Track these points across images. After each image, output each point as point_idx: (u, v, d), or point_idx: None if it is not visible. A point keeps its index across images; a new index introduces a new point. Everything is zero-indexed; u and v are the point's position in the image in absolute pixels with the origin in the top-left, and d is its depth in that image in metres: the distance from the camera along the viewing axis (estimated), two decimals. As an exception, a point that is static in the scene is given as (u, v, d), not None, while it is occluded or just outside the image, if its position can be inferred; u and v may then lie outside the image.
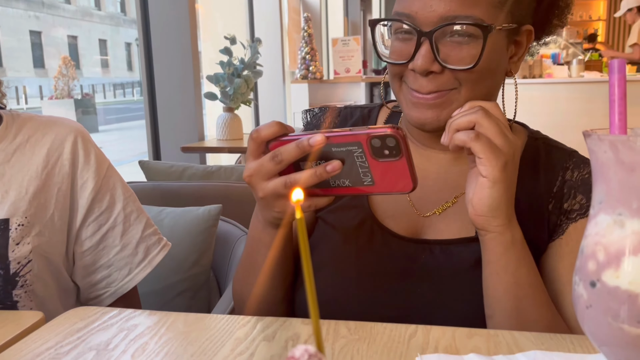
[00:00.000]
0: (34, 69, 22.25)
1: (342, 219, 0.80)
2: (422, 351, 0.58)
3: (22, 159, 0.86)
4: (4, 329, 0.66)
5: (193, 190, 1.66)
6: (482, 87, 0.73)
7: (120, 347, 0.61)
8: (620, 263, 0.44)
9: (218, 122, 2.73)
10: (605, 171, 0.46)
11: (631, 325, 0.44)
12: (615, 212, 0.45)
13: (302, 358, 0.32)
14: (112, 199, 0.92)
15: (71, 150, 0.89)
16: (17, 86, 18.15)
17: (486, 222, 0.67)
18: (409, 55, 0.71)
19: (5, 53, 20.92)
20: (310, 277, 0.35)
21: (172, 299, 1.23)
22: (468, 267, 0.74)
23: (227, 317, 0.68)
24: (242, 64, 2.64)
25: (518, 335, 0.61)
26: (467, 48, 0.69)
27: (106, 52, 24.03)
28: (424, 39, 0.69)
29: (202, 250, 1.26)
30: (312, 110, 0.92)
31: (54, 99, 14.27)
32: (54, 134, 0.89)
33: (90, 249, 0.91)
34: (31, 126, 0.89)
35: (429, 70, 0.70)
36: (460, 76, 0.71)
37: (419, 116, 0.73)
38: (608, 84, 0.48)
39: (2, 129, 0.87)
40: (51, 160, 0.88)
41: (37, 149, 0.87)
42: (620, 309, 0.44)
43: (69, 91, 14.20)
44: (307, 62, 4.77)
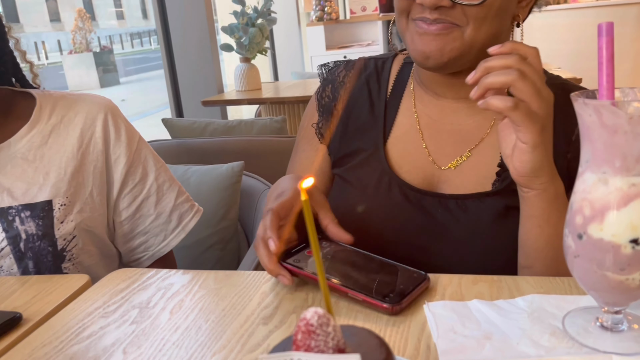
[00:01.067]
0: (51, 23, 22.18)
1: (361, 175, 0.83)
2: (430, 298, 0.64)
3: (58, 140, 0.91)
4: (55, 292, 0.74)
5: (216, 145, 1.72)
6: (489, 27, 0.72)
7: (160, 304, 0.68)
8: (604, 217, 0.49)
9: (236, 74, 2.75)
10: (590, 133, 0.49)
11: (614, 272, 0.49)
12: (600, 171, 0.49)
13: (312, 319, 0.38)
14: (144, 171, 0.97)
15: (102, 128, 0.94)
16: (37, 42, 18.19)
17: (530, 182, 0.67)
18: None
19: (22, 9, 20.85)
20: (317, 249, 0.41)
21: (204, 252, 1.32)
22: (484, 222, 0.76)
23: (253, 273, 0.75)
24: (256, 12, 2.63)
25: (519, 280, 0.66)
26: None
27: (120, 2, 23.64)
28: None
29: (228, 205, 1.33)
30: (327, 65, 0.93)
31: (73, 53, 14.33)
32: (85, 112, 0.93)
33: (128, 219, 0.98)
34: (63, 105, 0.94)
35: (438, 5, 0.69)
36: (469, 12, 0.70)
37: (423, 48, 0.72)
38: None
39: (36, 111, 0.92)
40: (85, 140, 0.92)
41: (71, 129, 0.92)
42: (605, 258, 0.49)
43: (87, 44, 14.21)
44: (322, 3, 4.67)
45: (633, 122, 0.45)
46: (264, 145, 1.65)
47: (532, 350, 0.53)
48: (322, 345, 0.38)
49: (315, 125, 0.90)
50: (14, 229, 0.85)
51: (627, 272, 0.48)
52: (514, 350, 0.53)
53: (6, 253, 0.85)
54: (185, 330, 0.62)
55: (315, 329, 0.38)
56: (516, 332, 0.56)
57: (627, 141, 0.46)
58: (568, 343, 0.53)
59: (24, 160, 0.89)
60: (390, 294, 0.61)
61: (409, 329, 0.58)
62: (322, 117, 0.90)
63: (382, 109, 0.86)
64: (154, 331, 0.62)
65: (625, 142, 0.46)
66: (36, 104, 0.93)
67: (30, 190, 0.87)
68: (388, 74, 0.89)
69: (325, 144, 0.90)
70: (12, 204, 0.86)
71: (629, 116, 0.45)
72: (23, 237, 0.85)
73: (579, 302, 0.59)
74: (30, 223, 0.85)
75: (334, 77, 0.91)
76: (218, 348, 0.58)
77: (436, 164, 0.81)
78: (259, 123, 1.88)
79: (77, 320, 0.66)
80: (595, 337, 0.52)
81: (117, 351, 0.59)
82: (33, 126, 0.91)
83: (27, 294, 0.74)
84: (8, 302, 0.72)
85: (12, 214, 0.85)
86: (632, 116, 0.45)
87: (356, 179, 0.84)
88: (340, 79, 0.90)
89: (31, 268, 0.86)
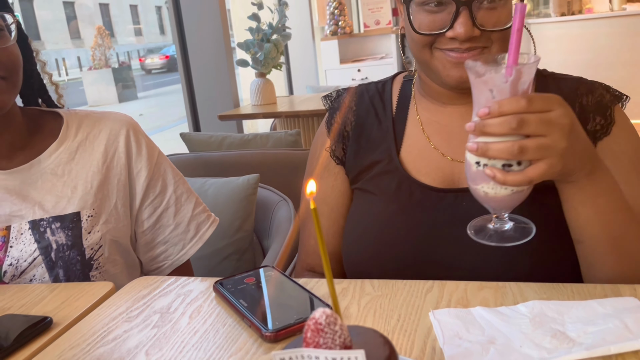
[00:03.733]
0: (71, 40, 22.66)
1: (380, 184, 0.87)
2: (437, 305, 0.67)
3: (85, 156, 0.96)
4: (82, 298, 0.78)
5: (232, 158, 1.77)
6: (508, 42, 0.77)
7: (180, 309, 0.72)
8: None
9: (251, 88, 2.81)
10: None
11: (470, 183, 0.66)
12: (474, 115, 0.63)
13: (320, 318, 0.41)
14: (163, 183, 1.02)
15: (125, 144, 0.99)
16: (57, 58, 18.60)
17: (568, 183, 0.68)
18: (444, 24, 0.75)
19: (42, 26, 21.36)
20: (325, 254, 0.44)
21: (220, 262, 1.36)
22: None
23: (268, 280, 0.78)
24: (271, 28, 2.69)
25: (524, 287, 0.69)
26: (500, 10, 0.75)
27: (138, 18, 23.99)
28: (463, 8, 0.74)
29: (244, 217, 1.37)
30: (330, 95, 0.99)
31: (93, 69, 14.63)
32: (109, 129, 0.99)
33: (149, 229, 1.02)
34: (88, 123, 0.99)
35: (471, 36, 0.75)
36: (495, 36, 0.76)
37: (461, 74, 0.77)
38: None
39: (64, 129, 0.97)
40: (109, 155, 0.98)
41: (96, 145, 0.97)
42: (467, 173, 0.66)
43: (106, 60, 14.51)
44: (336, 17, 4.74)
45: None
46: (279, 157, 1.69)
47: (535, 353, 0.55)
48: (330, 342, 0.41)
49: (330, 149, 0.94)
50: (45, 239, 0.90)
51: (476, 182, 0.64)
52: (517, 353, 0.55)
53: (38, 263, 0.89)
54: (204, 334, 0.66)
55: (324, 327, 0.41)
56: (519, 336, 0.58)
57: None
58: (569, 344, 0.55)
59: (54, 175, 0.94)
60: (277, 322, 0.63)
61: (416, 332, 0.61)
62: (334, 141, 0.94)
63: (390, 124, 0.90)
64: (174, 334, 0.66)
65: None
66: (63, 122, 0.98)
67: (59, 203, 0.92)
68: (390, 93, 0.94)
69: (341, 164, 0.94)
70: (43, 216, 0.91)
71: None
72: (54, 247, 0.90)
73: (578, 307, 0.62)
74: (60, 234, 0.90)
75: (339, 104, 0.96)
76: (235, 350, 0.62)
77: (452, 160, 0.85)
78: (274, 136, 1.92)
79: (103, 325, 0.70)
80: (489, 235, 0.67)
81: (140, 353, 0.63)
82: (61, 143, 0.96)
83: (56, 300, 0.78)
84: (39, 307, 0.77)
85: (44, 225, 0.90)
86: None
87: (376, 188, 0.87)
88: (346, 105, 0.95)
89: (61, 276, 0.90)
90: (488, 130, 0.60)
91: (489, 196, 0.64)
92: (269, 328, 0.62)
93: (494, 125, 0.59)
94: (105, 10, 21.29)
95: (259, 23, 2.67)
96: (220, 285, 0.75)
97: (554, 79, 0.87)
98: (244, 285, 0.74)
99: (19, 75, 0.89)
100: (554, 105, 0.62)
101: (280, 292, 0.73)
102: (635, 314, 0.59)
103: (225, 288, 0.74)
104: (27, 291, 0.83)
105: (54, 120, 0.99)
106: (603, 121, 0.81)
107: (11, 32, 0.88)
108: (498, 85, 0.59)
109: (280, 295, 0.72)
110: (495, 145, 0.60)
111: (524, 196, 0.65)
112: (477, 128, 0.60)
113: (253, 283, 0.75)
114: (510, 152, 0.59)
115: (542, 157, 0.60)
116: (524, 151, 0.59)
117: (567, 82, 0.85)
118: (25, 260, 0.89)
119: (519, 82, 0.59)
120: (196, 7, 2.75)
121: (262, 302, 0.70)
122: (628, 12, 4.65)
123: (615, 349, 0.53)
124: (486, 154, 0.60)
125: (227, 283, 0.75)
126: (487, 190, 0.64)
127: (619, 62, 4.45)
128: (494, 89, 0.60)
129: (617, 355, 0.53)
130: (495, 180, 0.61)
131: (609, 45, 4.55)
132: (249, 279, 0.76)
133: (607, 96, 0.83)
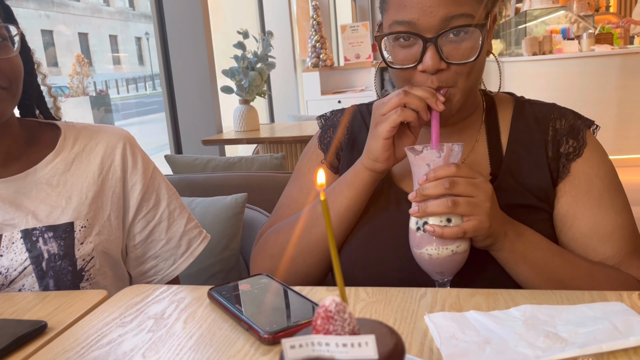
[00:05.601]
0: (48, 68, 22.47)
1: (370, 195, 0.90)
2: (431, 310, 0.68)
3: (80, 167, 0.97)
4: (76, 305, 0.77)
5: (217, 180, 1.77)
6: (476, 75, 0.84)
7: (174, 315, 0.72)
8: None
9: (235, 115, 2.83)
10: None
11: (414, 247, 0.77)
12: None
13: (330, 306, 0.42)
14: (157, 198, 1.02)
15: (121, 157, 0.99)
16: (33, 86, 18.37)
17: (498, 251, 0.78)
18: (416, 58, 0.81)
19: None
20: (334, 246, 0.45)
21: (206, 280, 1.35)
22: None
23: (262, 288, 0.79)
24: (256, 57, 2.73)
25: (514, 293, 0.71)
26: (466, 44, 0.80)
27: (117, 48, 24.03)
28: (430, 44, 0.78)
29: (231, 235, 1.37)
30: (325, 115, 1.04)
31: (70, 97, 14.53)
32: (105, 142, 0.99)
33: (140, 243, 1.02)
34: (85, 135, 1.00)
35: (438, 69, 0.80)
36: (460, 70, 0.81)
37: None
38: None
39: (61, 141, 0.98)
40: (105, 167, 0.98)
41: (92, 157, 0.98)
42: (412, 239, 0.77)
43: (84, 89, 14.43)
44: (318, 50, 4.84)
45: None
46: (265, 180, 1.70)
47: (530, 351, 0.57)
48: (340, 329, 0.42)
49: (325, 161, 0.98)
50: (37, 249, 0.89)
51: (420, 247, 0.74)
52: (513, 352, 0.57)
53: (29, 272, 0.88)
54: (200, 337, 0.65)
55: (333, 315, 0.42)
56: (513, 336, 0.60)
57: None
58: (562, 344, 0.57)
59: (48, 185, 0.93)
60: (274, 325, 0.64)
61: (412, 335, 0.62)
62: (328, 153, 0.99)
63: None
64: (170, 338, 0.66)
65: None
66: (61, 134, 0.99)
67: (53, 213, 0.92)
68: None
69: (337, 173, 0.98)
70: (36, 225, 0.90)
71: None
72: (45, 256, 0.89)
73: (568, 311, 0.64)
74: (53, 243, 0.89)
75: (334, 122, 1.01)
76: (233, 352, 0.62)
77: None
78: (259, 160, 1.94)
79: (96, 329, 0.69)
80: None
81: (137, 355, 0.62)
82: (57, 154, 0.96)
83: (49, 307, 0.77)
84: (31, 314, 0.75)
85: (36, 234, 0.89)
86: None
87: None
88: (343, 124, 1.00)
89: (52, 286, 0.89)
90: (426, 192, 0.72)
91: (432, 258, 0.74)
92: (267, 330, 0.63)
93: (430, 188, 0.72)
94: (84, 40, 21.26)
95: (244, 51, 2.71)
96: (215, 292, 0.75)
97: (530, 104, 0.93)
98: (238, 292, 0.75)
99: (19, 85, 0.90)
100: (477, 174, 0.75)
101: (276, 297, 0.73)
102: (623, 316, 0.61)
103: (220, 295, 0.74)
104: (17, 299, 0.81)
105: (51, 132, 0.99)
106: (575, 143, 0.87)
107: (14, 43, 0.89)
108: (433, 160, 0.74)
109: (276, 300, 0.72)
110: (432, 202, 0.72)
111: (463, 259, 0.75)
112: (417, 194, 0.73)
113: (248, 290, 0.75)
114: (445, 205, 0.71)
115: (472, 213, 0.72)
116: (456, 204, 0.71)
117: (542, 107, 0.92)
118: (15, 270, 0.87)
119: (449, 157, 0.74)
120: (181, 34, 2.79)
121: (259, 306, 0.70)
122: (596, 53, 4.86)
123: (607, 347, 0.55)
124: (426, 212, 0.72)
125: (221, 290, 0.75)
126: (430, 253, 0.74)
127: (589, 100, 4.63)
128: (430, 163, 0.74)
129: (608, 353, 0.55)
130: (435, 234, 0.72)
131: (578, 84, 4.74)
132: (243, 286, 0.76)
133: (578, 122, 0.90)
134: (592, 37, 5.13)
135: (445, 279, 0.76)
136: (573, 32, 5.76)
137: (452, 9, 0.77)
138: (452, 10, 0.77)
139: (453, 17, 0.77)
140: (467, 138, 0.92)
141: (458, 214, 0.72)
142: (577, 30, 5.86)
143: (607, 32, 5.35)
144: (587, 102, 4.58)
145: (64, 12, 21.00)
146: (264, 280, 0.78)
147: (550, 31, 5.38)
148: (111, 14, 23.55)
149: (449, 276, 0.76)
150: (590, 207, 0.85)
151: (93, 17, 22.69)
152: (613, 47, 5.12)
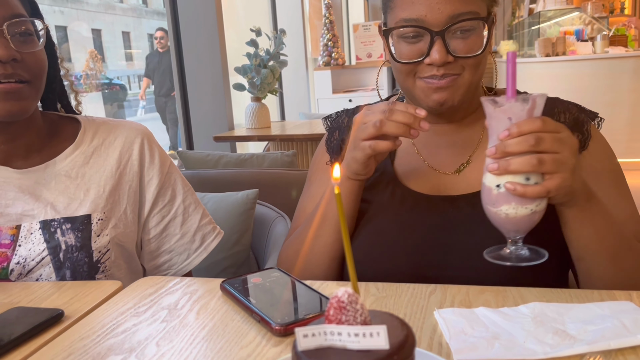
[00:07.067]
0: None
1: (375, 192, 0.92)
2: (440, 306, 0.69)
3: (99, 160, 0.98)
4: (92, 295, 0.79)
5: (229, 176, 1.79)
6: (481, 69, 0.86)
7: (187, 306, 0.73)
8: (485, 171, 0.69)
9: (247, 112, 2.85)
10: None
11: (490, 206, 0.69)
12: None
13: (343, 297, 0.43)
14: (173, 193, 1.04)
15: (139, 152, 1.01)
16: (46, 81, 18.53)
17: (571, 207, 0.74)
18: (422, 53, 0.83)
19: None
20: (347, 237, 0.46)
21: (217, 275, 1.36)
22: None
23: (273, 282, 0.80)
24: (268, 54, 2.75)
25: (523, 291, 0.71)
26: (471, 39, 0.82)
27: (130, 44, 24.15)
28: (437, 38, 0.81)
29: (242, 231, 1.39)
30: (330, 117, 1.05)
31: (83, 92, 14.62)
32: (124, 137, 1.01)
33: (155, 237, 1.03)
34: (104, 130, 1.01)
35: (445, 62, 0.82)
36: (466, 63, 0.83)
37: (439, 98, 0.85)
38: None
39: (81, 134, 0.99)
40: (123, 161, 1.00)
41: (111, 151, 0.99)
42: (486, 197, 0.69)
43: (97, 85, 14.55)
44: (330, 49, 4.85)
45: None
46: (276, 177, 1.71)
47: (539, 348, 0.57)
48: (352, 319, 0.43)
49: (330, 163, 1.00)
50: (55, 240, 0.90)
51: (496, 205, 0.68)
52: (522, 348, 0.58)
53: (46, 262, 0.90)
54: (213, 328, 0.67)
55: (346, 305, 0.43)
56: (522, 333, 0.60)
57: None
58: (570, 340, 0.58)
59: (67, 177, 0.95)
60: (285, 317, 0.65)
61: (422, 329, 0.63)
62: (334, 156, 1.00)
63: None
64: (183, 328, 0.67)
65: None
66: (81, 127, 1.01)
67: (71, 205, 0.93)
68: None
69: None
70: (54, 217, 0.92)
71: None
72: (63, 247, 0.90)
73: (577, 309, 0.64)
74: (70, 235, 0.91)
75: (339, 124, 1.02)
76: (245, 343, 0.63)
77: (440, 172, 0.92)
78: (270, 157, 1.95)
79: (111, 319, 0.71)
80: (506, 257, 0.69)
81: (151, 344, 0.64)
82: (77, 147, 0.98)
83: (65, 296, 0.79)
84: (48, 302, 0.77)
85: (54, 226, 0.91)
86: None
87: (372, 196, 0.92)
88: (345, 124, 1.01)
89: (68, 277, 0.91)
90: (509, 149, 0.65)
91: (509, 217, 0.67)
92: (278, 322, 0.64)
93: (514, 145, 0.65)
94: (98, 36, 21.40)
95: (256, 49, 2.73)
96: (228, 284, 0.76)
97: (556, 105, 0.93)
98: (251, 285, 0.76)
99: (42, 80, 0.91)
100: (562, 127, 0.69)
101: (288, 290, 0.74)
102: (632, 315, 0.62)
103: (232, 287, 0.75)
104: (34, 288, 0.83)
105: (71, 125, 1.01)
106: (581, 136, 0.88)
107: (40, 38, 0.91)
108: (516, 113, 0.66)
109: (288, 294, 0.73)
110: (515, 160, 0.65)
111: (540, 217, 0.69)
112: (498, 150, 0.66)
113: (260, 283, 0.76)
114: (531, 164, 0.64)
115: (557, 171, 0.66)
116: (542, 163, 0.65)
117: (546, 102, 0.91)
118: (33, 260, 0.89)
119: (533, 110, 0.66)
120: (195, 31, 2.81)
121: (271, 299, 0.71)
122: (609, 55, 4.82)
123: (615, 344, 0.56)
124: (508, 170, 0.65)
125: (234, 282, 0.77)
126: (508, 212, 0.67)
127: (601, 103, 4.59)
128: (512, 117, 0.66)
129: (616, 351, 0.56)
130: (516, 192, 0.65)
131: (591, 86, 4.71)
132: (255, 279, 0.78)
133: (582, 115, 0.90)
134: (606, 39, 5.09)
135: (518, 237, 0.70)
136: (587, 33, 5.71)
137: (458, 7, 0.80)
138: (458, 7, 0.80)
139: (460, 15, 0.80)
140: (472, 135, 0.93)
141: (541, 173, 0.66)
142: (591, 31, 5.81)
143: (622, 34, 5.31)
144: (599, 104, 4.52)
145: (78, 8, 21.12)
146: (276, 273, 0.79)
147: (564, 32, 5.35)
148: (124, 11, 23.66)
149: (524, 234, 0.70)
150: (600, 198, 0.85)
151: (107, 14, 22.81)
152: (627, 49, 5.08)
